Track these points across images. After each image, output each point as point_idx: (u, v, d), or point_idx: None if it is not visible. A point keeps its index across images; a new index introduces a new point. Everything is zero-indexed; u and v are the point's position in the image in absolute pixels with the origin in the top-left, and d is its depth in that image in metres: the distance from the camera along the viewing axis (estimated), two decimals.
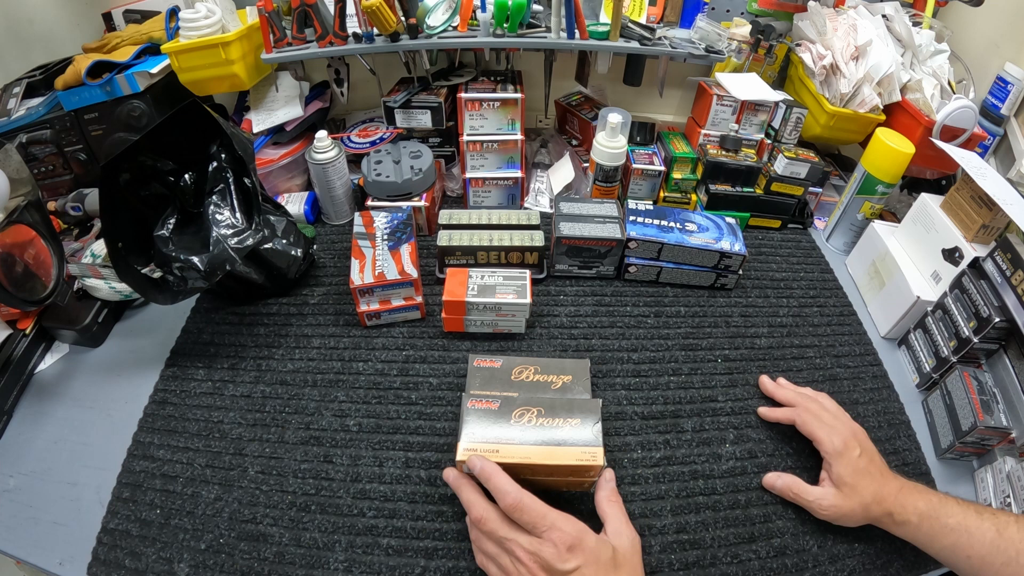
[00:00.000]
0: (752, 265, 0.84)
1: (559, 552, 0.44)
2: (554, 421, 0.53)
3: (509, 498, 0.47)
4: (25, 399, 0.66)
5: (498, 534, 0.46)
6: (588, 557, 0.45)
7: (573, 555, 0.44)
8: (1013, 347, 0.61)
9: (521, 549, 0.45)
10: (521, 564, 0.45)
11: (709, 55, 0.82)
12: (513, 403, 0.54)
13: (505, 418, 0.53)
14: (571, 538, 0.45)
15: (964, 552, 0.49)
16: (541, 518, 0.46)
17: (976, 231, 0.68)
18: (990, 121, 0.87)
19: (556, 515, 0.47)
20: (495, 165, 0.87)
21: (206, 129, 0.68)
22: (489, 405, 0.54)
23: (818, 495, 0.55)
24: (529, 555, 0.45)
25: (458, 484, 0.51)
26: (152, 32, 0.84)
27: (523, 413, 0.53)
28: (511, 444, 0.51)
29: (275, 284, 0.75)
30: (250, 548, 0.53)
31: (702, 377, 0.68)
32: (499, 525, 0.47)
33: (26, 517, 0.56)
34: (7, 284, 0.60)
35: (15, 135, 0.77)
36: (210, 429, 0.62)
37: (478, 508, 0.48)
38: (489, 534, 0.47)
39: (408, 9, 0.76)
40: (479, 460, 0.49)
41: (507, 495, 0.47)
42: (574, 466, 0.51)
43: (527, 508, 0.46)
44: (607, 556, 0.46)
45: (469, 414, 0.53)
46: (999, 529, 0.48)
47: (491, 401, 0.54)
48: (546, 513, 0.46)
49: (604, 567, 0.45)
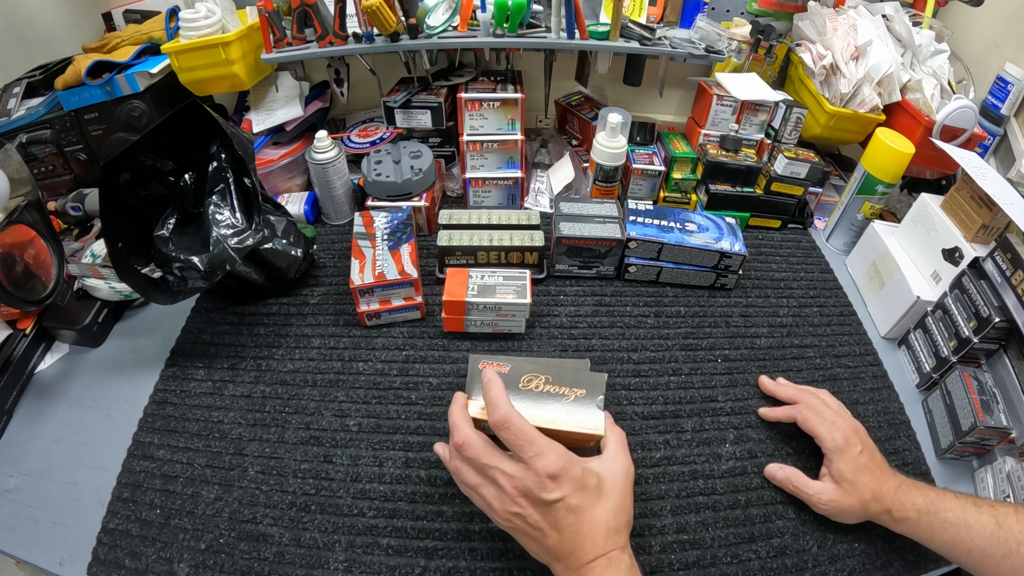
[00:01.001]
0: (752, 265, 0.84)
1: (541, 480, 0.42)
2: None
3: (499, 412, 0.45)
4: (25, 399, 0.66)
5: (480, 460, 0.44)
6: (572, 486, 0.43)
7: (557, 484, 0.43)
8: (1013, 347, 0.61)
9: (503, 476, 0.43)
10: (504, 493, 0.43)
11: (709, 55, 0.82)
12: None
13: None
14: (556, 467, 0.43)
15: (964, 546, 0.48)
16: (529, 443, 0.44)
17: (976, 231, 0.68)
18: (990, 121, 0.87)
19: (545, 442, 0.44)
20: (495, 165, 0.87)
21: (206, 129, 0.68)
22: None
23: (818, 489, 0.55)
24: (511, 481, 0.43)
25: (451, 410, 0.48)
26: (152, 32, 0.84)
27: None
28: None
29: (275, 284, 0.75)
30: (250, 548, 0.53)
31: (702, 377, 0.68)
32: (482, 451, 0.45)
33: (26, 517, 0.56)
34: (7, 284, 0.60)
35: (15, 135, 0.77)
36: (210, 429, 0.62)
37: (462, 432, 0.46)
38: (471, 460, 0.45)
39: (408, 9, 0.76)
40: (488, 370, 0.49)
41: (498, 409, 0.45)
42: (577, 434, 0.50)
43: (515, 427, 0.44)
44: (593, 484, 0.44)
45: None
46: (998, 521, 0.48)
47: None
48: (534, 438, 0.44)
49: (589, 496, 0.44)
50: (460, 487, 0.48)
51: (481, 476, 0.45)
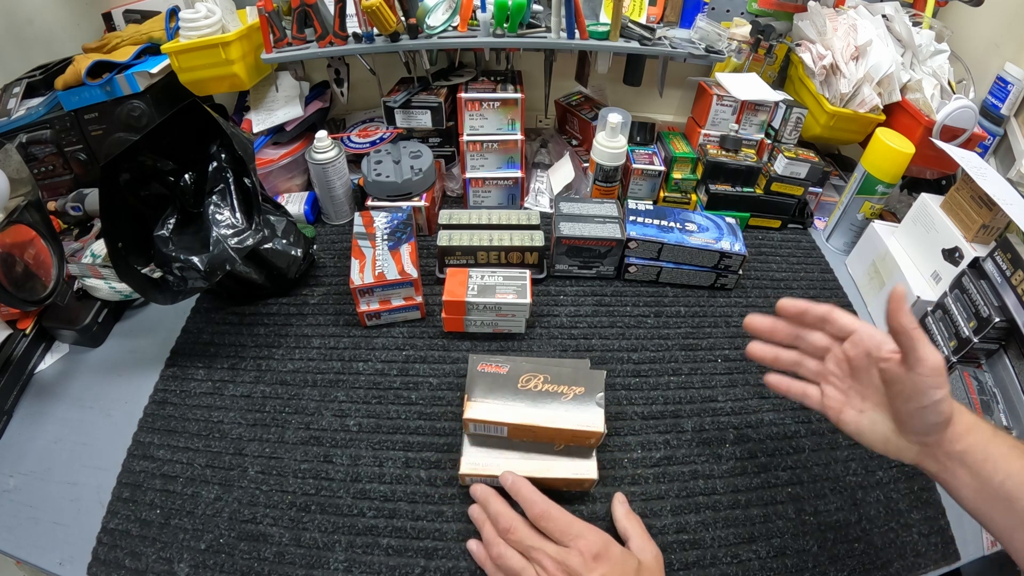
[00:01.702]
0: (752, 265, 0.84)
1: (585, 560, 0.45)
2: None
3: (537, 508, 0.48)
4: (25, 399, 0.66)
5: (525, 543, 0.47)
6: (614, 567, 0.45)
7: (599, 564, 0.45)
8: (1013, 347, 0.61)
9: (548, 558, 0.46)
10: (547, 574, 0.45)
11: (709, 55, 0.82)
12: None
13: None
14: (597, 547, 0.46)
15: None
16: (568, 526, 0.47)
17: (976, 231, 0.68)
18: (990, 121, 0.87)
19: (582, 525, 0.48)
20: (495, 165, 0.87)
21: (206, 129, 0.68)
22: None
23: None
24: (556, 564, 0.45)
25: (487, 496, 0.52)
26: (152, 32, 0.84)
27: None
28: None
29: (275, 284, 0.75)
30: (250, 548, 0.53)
31: (702, 377, 0.68)
32: (527, 535, 0.48)
33: (26, 517, 0.56)
34: (7, 284, 0.60)
35: (15, 135, 0.77)
36: (210, 429, 0.62)
37: (506, 518, 0.49)
38: (516, 543, 0.48)
39: (408, 9, 0.76)
40: (510, 475, 0.52)
41: (535, 504, 0.49)
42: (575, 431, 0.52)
43: (554, 517, 0.48)
44: (632, 567, 0.46)
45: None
46: None
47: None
48: (572, 522, 0.48)
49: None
50: (493, 574, 0.49)
51: (526, 559, 0.47)
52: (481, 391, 0.55)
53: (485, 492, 0.53)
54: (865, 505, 0.58)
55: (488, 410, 0.54)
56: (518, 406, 0.54)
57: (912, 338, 0.41)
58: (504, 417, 0.53)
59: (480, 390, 0.55)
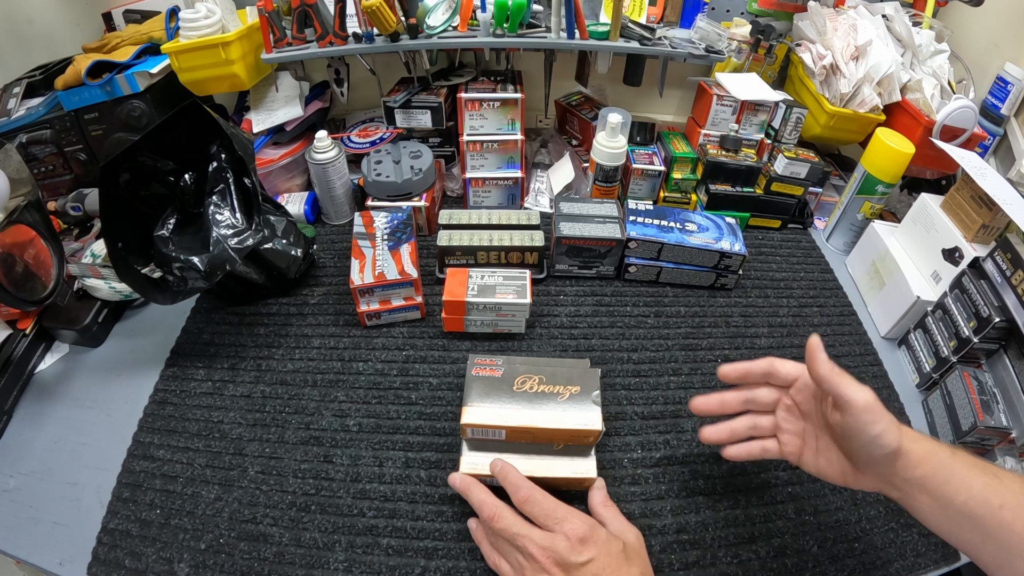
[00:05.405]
0: (752, 265, 0.84)
1: (571, 545, 0.45)
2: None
3: (521, 492, 0.49)
4: (25, 399, 0.66)
5: (511, 530, 0.47)
6: (600, 549, 0.45)
7: (586, 547, 0.45)
8: (1013, 347, 0.61)
9: (534, 544, 0.46)
10: (534, 560, 0.45)
11: (709, 55, 0.82)
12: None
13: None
14: (583, 531, 0.46)
15: (997, 500, 0.40)
16: (552, 510, 0.47)
17: (976, 231, 0.68)
18: (990, 121, 0.87)
19: (567, 509, 0.48)
20: (495, 165, 0.87)
21: (206, 129, 0.68)
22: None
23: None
24: (542, 550, 0.45)
25: (468, 485, 0.52)
26: (152, 32, 0.84)
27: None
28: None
29: (275, 284, 0.75)
30: (250, 548, 0.53)
31: (702, 377, 0.68)
32: (512, 522, 0.47)
33: (26, 517, 0.56)
34: (7, 284, 0.60)
35: (15, 135, 0.77)
36: (210, 429, 0.62)
37: (490, 506, 0.49)
38: (501, 531, 0.48)
39: (408, 9, 0.76)
40: (499, 462, 0.52)
41: (520, 489, 0.49)
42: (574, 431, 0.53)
43: (539, 501, 0.48)
44: (618, 549, 0.46)
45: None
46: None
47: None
48: (557, 506, 0.48)
49: (616, 559, 0.46)
50: (487, 558, 0.50)
51: (511, 544, 0.47)
52: (477, 395, 0.55)
53: (465, 481, 0.52)
54: (865, 505, 0.58)
55: (485, 414, 0.54)
56: (515, 409, 0.54)
57: (834, 384, 0.43)
58: (501, 420, 0.53)
59: (476, 395, 0.55)
